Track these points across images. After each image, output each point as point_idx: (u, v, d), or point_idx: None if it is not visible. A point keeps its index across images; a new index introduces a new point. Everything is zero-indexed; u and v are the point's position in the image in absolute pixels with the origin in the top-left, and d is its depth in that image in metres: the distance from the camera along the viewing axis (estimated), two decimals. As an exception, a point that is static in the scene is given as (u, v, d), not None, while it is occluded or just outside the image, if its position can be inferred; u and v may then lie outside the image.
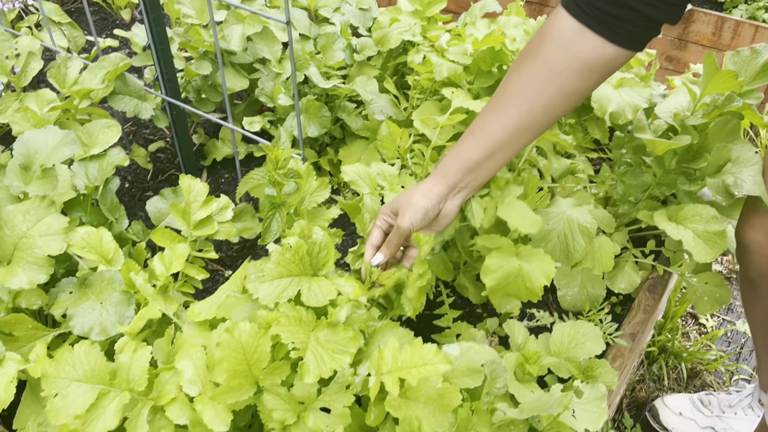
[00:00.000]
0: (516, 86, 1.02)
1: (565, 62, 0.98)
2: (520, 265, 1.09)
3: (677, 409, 1.76)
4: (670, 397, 1.79)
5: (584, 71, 0.99)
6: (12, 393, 1.07)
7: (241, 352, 0.96)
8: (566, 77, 0.99)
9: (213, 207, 1.37)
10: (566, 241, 1.23)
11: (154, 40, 1.55)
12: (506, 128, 1.02)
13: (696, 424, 1.73)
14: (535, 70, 1.00)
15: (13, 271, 1.12)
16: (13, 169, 1.22)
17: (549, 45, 0.99)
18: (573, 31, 0.97)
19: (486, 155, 1.04)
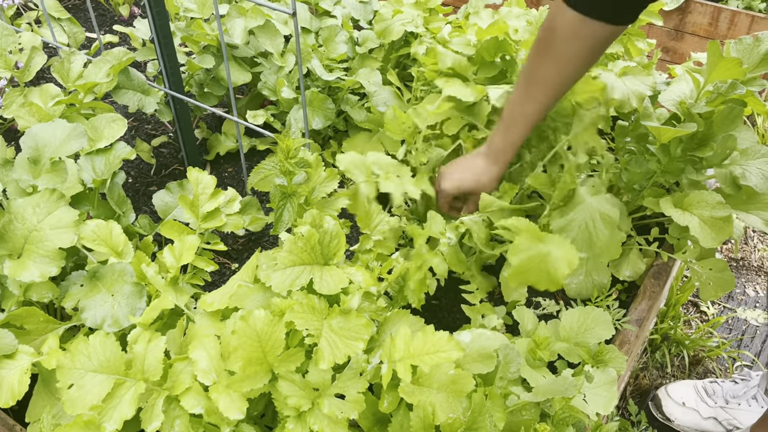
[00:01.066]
0: (542, 77, 1.23)
1: (576, 51, 1.18)
2: (547, 250, 1.09)
3: (680, 399, 1.77)
4: (673, 385, 1.80)
5: (592, 53, 1.19)
6: (26, 385, 1.07)
7: (257, 340, 0.96)
8: (577, 59, 1.19)
9: (220, 199, 1.37)
10: (588, 231, 1.24)
11: (157, 34, 1.55)
12: (541, 111, 1.27)
13: (699, 414, 1.75)
14: (554, 62, 1.20)
15: (24, 264, 1.13)
16: (22, 163, 1.22)
17: (560, 39, 1.17)
18: (578, 22, 1.14)
19: (527, 131, 1.32)
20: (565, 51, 1.18)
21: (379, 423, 1.11)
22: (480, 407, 1.03)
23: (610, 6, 1.11)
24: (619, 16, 1.13)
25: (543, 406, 1.12)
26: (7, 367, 1.09)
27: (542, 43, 1.21)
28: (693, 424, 1.75)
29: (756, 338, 2.06)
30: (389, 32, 1.79)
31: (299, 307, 1.01)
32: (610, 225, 1.22)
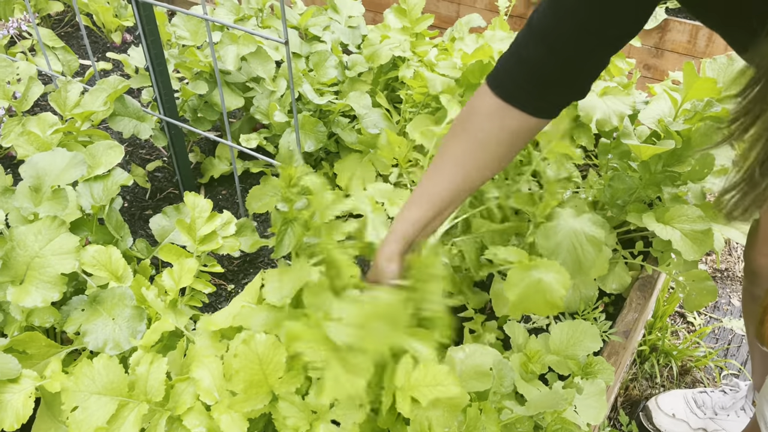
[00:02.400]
0: (453, 154, 1.14)
1: (494, 133, 1.11)
2: (539, 277, 1.13)
3: (670, 411, 1.80)
4: (663, 396, 1.84)
5: (511, 139, 1.12)
6: (30, 408, 1.09)
7: (258, 363, 0.99)
8: (495, 145, 1.12)
9: (217, 222, 1.41)
10: (576, 253, 1.27)
11: (152, 61, 1.60)
12: (448, 190, 1.16)
13: (689, 426, 1.78)
14: (469, 139, 1.13)
15: (27, 290, 1.15)
16: (23, 191, 1.25)
17: (479, 118, 1.12)
18: (499, 107, 1.09)
19: (434, 214, 1.17)
20: (482, 133, 1.10)
21: (377, 438, 1.14)
22: (475, 421, 1.06)
23: (530, 102, 1.07)
24: (541, 111, 1.09)
25: (536, 419, 1.15)
26: (11, 391, 1.11)
27: (460, 120, 1.14)
28: None
29: (742, 347, 2.11)
30: (377, 56, 1.84)
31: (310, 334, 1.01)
32: (596, 245, 1.26)
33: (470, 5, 3.29)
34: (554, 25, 1.00)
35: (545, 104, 1.09)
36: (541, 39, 1.02)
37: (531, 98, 1.07)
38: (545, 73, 1.04)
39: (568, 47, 1.00)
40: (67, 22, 2.87)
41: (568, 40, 1.00)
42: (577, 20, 0.97)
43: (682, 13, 3.09)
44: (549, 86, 1.06)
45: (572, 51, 1.01)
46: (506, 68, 1.09)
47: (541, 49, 1.02)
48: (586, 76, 1.08)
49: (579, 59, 1.03)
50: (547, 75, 1.04)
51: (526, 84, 1.06)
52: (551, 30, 1.01)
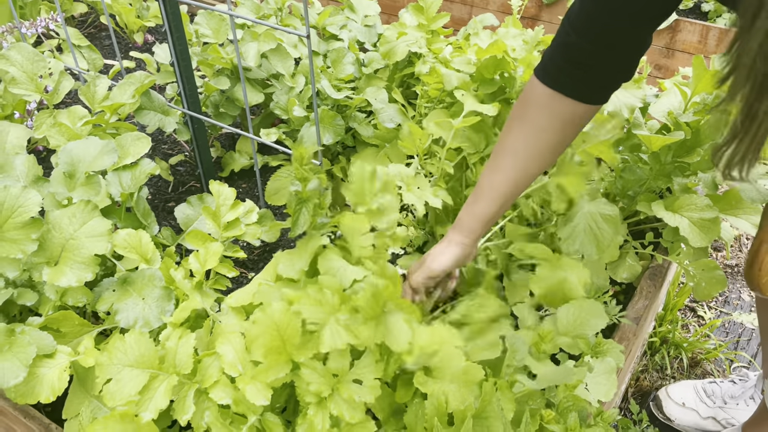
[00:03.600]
0: (511, 146, 1.20)
1: (547, 122, 1.16)
2: (565, 276, 1.20)
3: (680, 400, 1.84)
4: (673, 386, 1.87)
5: (564, 127, 1.17)
6: (65, 382, 1.15)
7: (275, 329, 1.04)
8: (550, 134, 1.17)
9: (240, 210, 1.46)
10: (593, 233, 1.33)
11: (177, 57, 1.66)
12: (509, 183, 1.21)
13: (698, 414, 1.81)
14: (525, 131, 1.18)
15: (62, 270, 1.21)
16: (58, 178, 1.32)
17: (531, 109, 1.17)
18: (548, 96, 1.14)
19: (498, 208, 1.24)
20: (536, 122, 1.15)
21: (395, 414, 1.18)
22: (490, 395, 1.10)
23: (576, 87, 1.11)
24: (587, 96, 1.13)
25: (548, 396, 1.20)
26: (47, 365, 1.17)
27: (515, 113, 1.19)
28: (693, 424, 1.82)
29: (752, 341, 2.13)
30: (394, 53, 1.90)
31: (308, 299, 1.07)
32: (613, 223, 1.31)
33: (483, 7, 3.34)
34: (592, 9, 1.04)
35: (592, 89, 1.13)
36: (580, 24, 1.06)
37: (578, 83, 1.11)
38: (588, 57, 1.08)
39: (608, 30, 1.04)
40: (90, 24, 2.95)
41: (606, 23, 1.03)
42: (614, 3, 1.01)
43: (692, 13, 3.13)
44: (593, 69, 1.09)
45: (612, 33, 1.05)
46: (551, 57, 1.13)
47: (582, 34, 1.06)
48: (629, 56, 1.11)
49: (620, 40, 1.06)
50: (590, 59, 1.08)
51: (571, 69, 1.10)
52: (590, 14, 1.04)
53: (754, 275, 1.19)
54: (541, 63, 1.16)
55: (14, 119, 1.77)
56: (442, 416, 1.07)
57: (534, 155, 1.18)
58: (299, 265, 1.22)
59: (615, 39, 1.06)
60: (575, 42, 1.08)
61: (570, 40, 1.08)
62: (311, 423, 1.05)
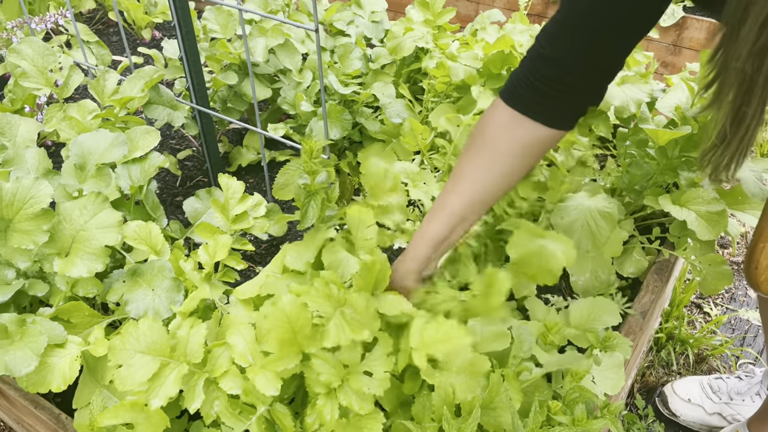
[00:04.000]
0: (467, 169, 1.16)
1: (506, 146, 1.11)
2: (542, 244, 1.17)
3: (686, 396, 1.84)
4: (679, 382, 1.87)
5: (524, 152, 1.12)
6: (76, 371, 1.16)
7: (287, 321, 1.04)
8: (509, 158, 1.12)
9: (248, 203, 1.47)
10: (590, 229, 1.32)
11: (186, 52, 1.67)
12: (463, 205, 1.17)
13: (704, 410, 1.81)
14: (482, 154, 1.14)
15: (73, 261, 1.22)
16: (69, 170, 1.33)
17: (491, 131, 1.12)
18: (509, 118, 1.10)
19: (449, 230, 1.19)
20: (495, 146, 1.11)
21: (403, 406, 1.19)
22: (497, 387, 1.11)
23: (543, 108, 1.07)
24: (553, 119, 1.08)
25: (555, 388, 1.20)
26: (58, 355, 1.18)
27: (474, 135, 1.15)
28: (698, 420, 1.82)
29: (758, 337, 2.13)
30: (401, 48, 1.90)
31: (315, 292, 1.07)
32: (611, 221, 1.31)
33: (489, 4, 3.34)
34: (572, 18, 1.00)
35: (560, 110, 1.08)
36: (557, 35, 1.02)
37: (545, 103, 1.07)
38: (561, 72, 1.04)
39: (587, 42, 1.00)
40: (97, 20, 2.97)
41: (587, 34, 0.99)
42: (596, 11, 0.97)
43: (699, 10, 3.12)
44: (564, 87, 1.05)
45: (591, 45, 1.00)
46: (519, 76, 1.09)
47: (558, 46, 1.02)
48: (604, 74, 1.07)
49: (597, 55, 1.02)
50: (563, 74, 1.04)
51: (541, 87, 1.06)
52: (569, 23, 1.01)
53: (752, 274, 1.19)
54: (507, 84, 1.12)
55: (24, 113, 1.78)
56: (449, 407, 1.08)
57: (491, 180, 1.14)
58: (306, 257, 1.23)
59: (593, 52, 1.02)
60: (549, 55, 1.04)
61: (544, 53, 1.04)
62: (320, 413, 1.06)
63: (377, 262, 1.07)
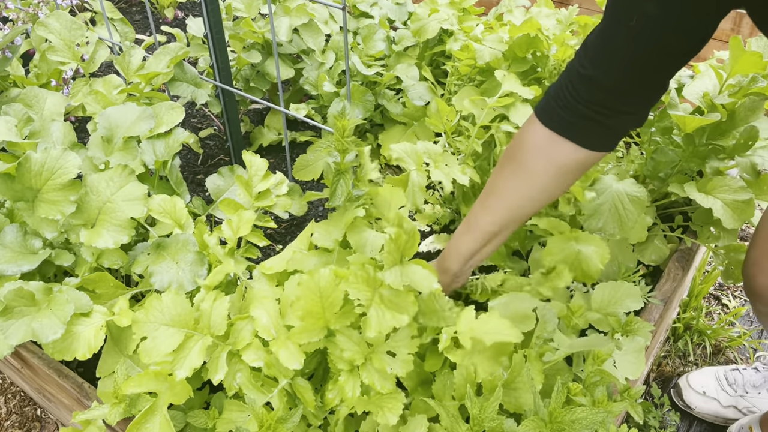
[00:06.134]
0: (501, 187, 1.13)
1: (542, 166, 1.07)
2: (578, 249, 1.18)
3: (701, 389, 1.82)
4: (694, 374, 1.86)
5: (560, 173, 1.08)
6: (101, 339, 1.18)
7: (318, 294, 1.05)
8: (544, 179, 1.09)
9: (271, 181, 1.47)
10: (618, 212, 1.32)
11: (211, 29, 1.67)
12: (495, 223, 1.16)
13: (719, 403, 1.80)
14: (517, 173, 1.10)
15: (99, 232, 1.24)
16: (96, 142, 1.34)
17: (526, 151, 1.09)
18: (546, 138, 1.05)
19: (481, 245, 1.19)
20: (530, 166, 1.07)
21: (423, 384, 1.20)
22: (519, 367, 1.11)
23: (582, 130, 1.02)
24: (593, 142, 1.03)
25: (575, 371, 1.20)
26: (84, 324, 1.19)
27: (508, 154, 1.12)
28: (713, 412, 1.81)
29: (778, 333, 2.11)
30: (425, 31, 1.89)
31: (354, 278, 1.08)
32: (639, 204, 1.30)
33: (512, -10, 3.31)
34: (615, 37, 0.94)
35: (600, 133, 1.03)
36: (600, 54, 0.96)
37: (584, 129, 1.02)
38: (603, 94, 0.98)
39: (631, 62, 0.94)
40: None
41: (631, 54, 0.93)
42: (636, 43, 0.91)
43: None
44: (605, 110, 0.99)
45: (635, 67, 0.94)
46: (557, 94, 1.03)
47: (600, 66, 0.96)
48: (648, 96, 1.01)
49: (642, 76, 0.96)
50: (604, 96, 0.98)
51: (580, 111, 1.01)
52: (612, 42, 0.95)
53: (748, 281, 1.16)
54: (544, 101, 1.06)
55: (50, 87, 1.80)
56: (471, 386, 1.08)
57: (524, 200, 1.12)
58: (335, 235, 1.23)
59: (638, 76, 0.95)
60: (591, 76, 0.98)
61: (585, 74, 0.98)
62: (342, 389, 1.06)
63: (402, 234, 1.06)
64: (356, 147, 1.23)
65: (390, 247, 1.01)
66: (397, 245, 1.03)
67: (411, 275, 1.01)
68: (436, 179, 1.48)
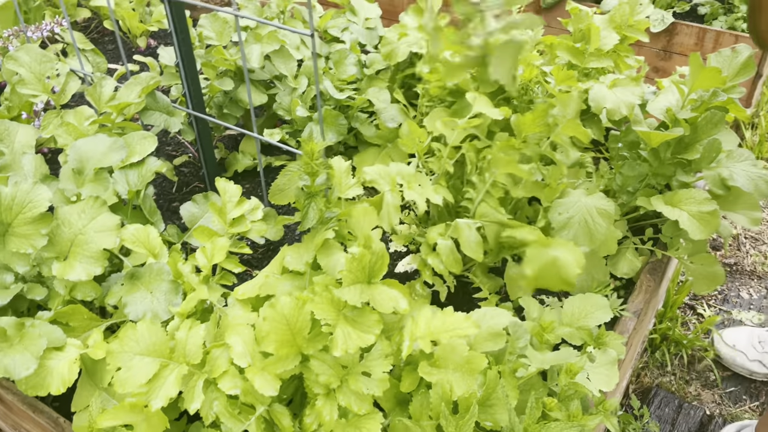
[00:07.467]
0: None
1: None
2: (555, 255, 1.21)
3: (732, 342, 2.02)
4: (728, 330, 2.07)
5: None
6: (75, 373, 1.17)
7: (285, 323, 1.06)
8: None
9: (245, 207, 1.48)
10: (588, 226, 1.35)
11: (182, 58, 1.68)
12: None
13: (746, 357, 1.99)
14: None
15: (71, 265, 1.23)
16: (67, 174, 1.34)
17: None
18: None
19: None
20: None
21: (400, 404, 1.20)
22: (494, 384, 1.12)
23: None
24: None
25: (550, 385, 1.21)
26: (57, 358, 1.18)
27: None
28: (739, 364, 1.99)
29: (751, 337, 2.15)
30: (395, 54, 1.92)
31: (319, 299, 1.09)
32: (608, 218, 1.33)
33: (482, 11, 3.37)
34: None
35: None
36: None
37: None
38: None
39: None
40: (93, 29, 2.98)
41: None
42: None
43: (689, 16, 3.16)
44: None
45: None
46: None
47: None
48: None
49: None
50: None
51: None
52: None
53: None
54: None
55: (22, 120, 1.79)
56: (447, 405, 1.09)
57: None
58: (306, 258, 1.24)
59: None
60: None
61: None
62: (319, 413, 1.06)
63: (366, 255, 1.08)
64: (326, 169, 1.24)
65: (351, 266, 1.02)
66: (360, 265, 1.04)
67: (375, 295, 1.02)
68: (410, 199, 1.50)
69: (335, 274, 1.20)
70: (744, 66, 1.55)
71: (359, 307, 1.13)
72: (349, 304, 1.13)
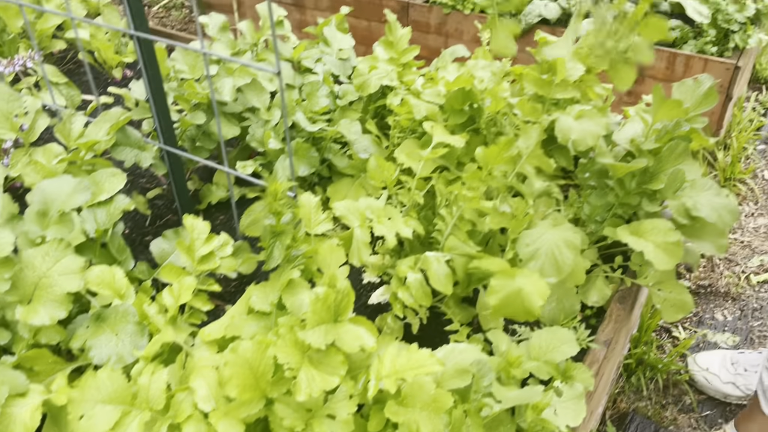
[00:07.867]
0: None
1: None
2: (519, 286, 1.23)
3: (705, 365, 2.05)
4: (702, 354, 2.08)
5: None
6: (38, 421, 1.15)
7: (248, 367, 1.06)
8: None
9: (214, 243, 1.48)
10: (554, 257, 1.36)
11: (152, 93, 1.69)
12: None
13: (719, 379, 2.01)
14: None
15: (35, 309, 1.22)
16: (31, 216, 1.33)
17: None
18: None
19: None
20: None
21: (368, 445, 1.20)
22: (460, 423, 1.12)
23: None
24: None
25: (518, 421, 1.21)
26: (20, 405, 1.17)
27: None
28: (714, 387, 2.02)
29: (726, 360, 2.16)
30: (367, 86, 1.94)
31: (282, 342, 1.09)
32: (574, 249, 1.34)
33: (457, 37, 3.42)
34: None
35: None
36: None
37: None
38: None
39: None
40: (69, 60, 2.98)
41: None
42: None
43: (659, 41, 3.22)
44: None
45: None
46: None
47: None
48: None
49: None
50: None
51: None
52: None
53: None
54: None
55: (-10, 158, 1.78)
56: (413, 445, 1.09)
57: None
58: (271, 298, 1.24)
59: None
60: None
61: None
62: (285, 457, 1.06)
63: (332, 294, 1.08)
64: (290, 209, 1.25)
65: (316, 306, 1.02)
66: (325, 305, 1.04)
67: (341, 335, 1.02)
68: (380, 234, 1.50)
69: (301, 314, 1.20)
70: (706, 96, 1.58)
71: (324, 349, 1.13)
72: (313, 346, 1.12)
